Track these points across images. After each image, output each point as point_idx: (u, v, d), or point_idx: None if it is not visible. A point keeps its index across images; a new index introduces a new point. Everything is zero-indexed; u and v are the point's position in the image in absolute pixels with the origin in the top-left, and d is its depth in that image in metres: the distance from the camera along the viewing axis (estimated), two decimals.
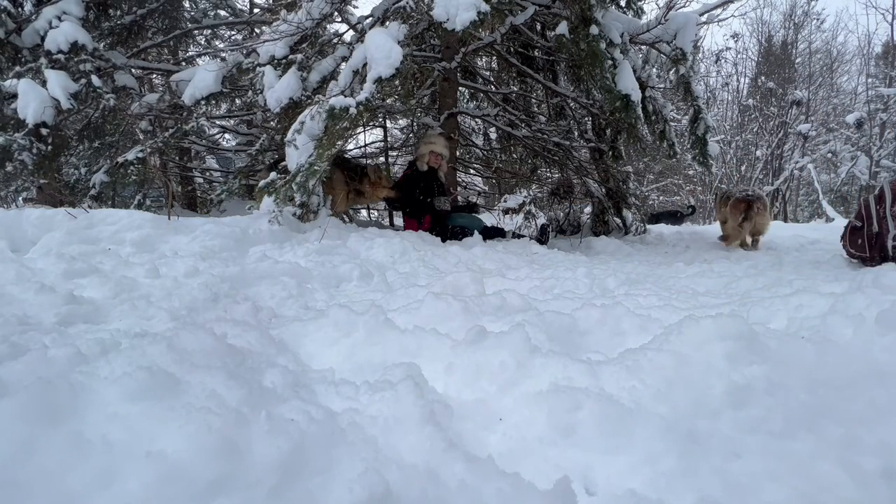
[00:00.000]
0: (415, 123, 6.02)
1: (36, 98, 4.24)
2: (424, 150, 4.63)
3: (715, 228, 6.81)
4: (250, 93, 4.77)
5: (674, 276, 2.95)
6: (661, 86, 5.54)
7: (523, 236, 4.79)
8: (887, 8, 13.08)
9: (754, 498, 0.84)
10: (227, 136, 7.86)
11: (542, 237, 4.89)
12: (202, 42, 7.44)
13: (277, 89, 3.96)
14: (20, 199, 6.08)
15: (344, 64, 3.89)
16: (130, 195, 6.05)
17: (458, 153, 5.56)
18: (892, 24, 13.00)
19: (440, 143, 4.66)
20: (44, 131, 4.32)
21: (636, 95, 4.20)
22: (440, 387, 1.20)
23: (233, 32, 7.34)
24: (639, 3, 5.32)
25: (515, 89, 6.31)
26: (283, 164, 3.70)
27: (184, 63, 6.80)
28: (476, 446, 0.99)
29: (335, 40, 4.46)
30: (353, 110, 3.42)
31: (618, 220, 5.89)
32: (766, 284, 2.53)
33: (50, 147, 4.43)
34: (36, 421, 0.79)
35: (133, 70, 5.46)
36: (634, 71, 4.52)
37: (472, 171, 7.21)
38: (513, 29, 5.01)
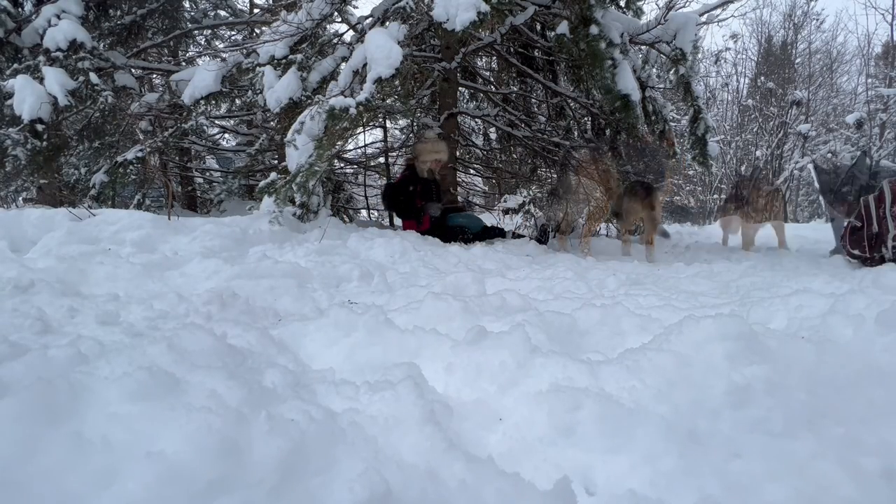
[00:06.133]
0: (415, 124, 6.01)
1: (32, 94, 4.23)
2: (428, 157, 4.58)
3: (714, 229, 6.83)
4: (250, 93, 4.76)
5: (674, 276, 2.94)
6: (661, 86, 5.54)
7: (523, 236, 4.79)
8: (887, 8, 13.09)
9: (754, 498, 0.84)
10: (227, 136, 7.86)
11: (541, 237, 4.88)
12: (202, 42, 7.44)
13: (277, 89, 3.96)
14: (20, 199, 6.08)
15: (344, 64, 3.89)
16: (130, 195, 6.05)
17: (458, 153, 5.55)
18: (892, 25, 13.01)
19: (443, 149, 4.63)
20: (39, 127, 4.31)
21: (636, 95, 4.20)
22: (440, 387, 1.20)
23: (233, 32, 7.34)
24: (639, 3, 5.31)
25: (515, 89, 6.31)
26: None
27: (184, 63, 6.79)
28: (476, 446, 0.99)
29: (335, 40, 4.45)
30: (352, 110, 3.42)
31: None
32: (766, 284, 2.53)
33: (45, 143, 4.41)
34: (36, 421, 0.78)
35: (133, 70, 5.45)
36: (634, 71, 4.52)
37: (472, 171, 7.20)
38: (513, 29, 5.01)
